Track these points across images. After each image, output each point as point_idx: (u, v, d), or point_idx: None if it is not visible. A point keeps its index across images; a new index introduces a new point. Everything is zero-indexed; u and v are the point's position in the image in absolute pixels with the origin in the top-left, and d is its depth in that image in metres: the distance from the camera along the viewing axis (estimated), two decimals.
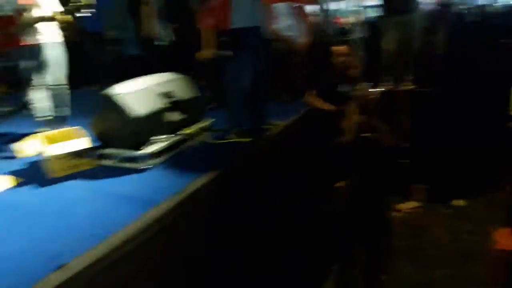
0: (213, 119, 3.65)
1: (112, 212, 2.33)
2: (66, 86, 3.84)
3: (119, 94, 2.89)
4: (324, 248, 3.14)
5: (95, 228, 2.14)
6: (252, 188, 2.95)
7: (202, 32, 4.42)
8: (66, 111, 3.87)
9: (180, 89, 3.37)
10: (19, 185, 2.83)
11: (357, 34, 5.53)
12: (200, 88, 3.79)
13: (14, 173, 3.00)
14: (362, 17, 5.86)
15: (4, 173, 2.96)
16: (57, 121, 3.80)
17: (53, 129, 3.54)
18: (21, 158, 3.32)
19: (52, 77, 3.73)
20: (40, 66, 3.68)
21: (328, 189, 2.99)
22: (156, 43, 5.30)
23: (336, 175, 3.02)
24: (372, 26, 5.92)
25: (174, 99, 3.25)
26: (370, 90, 2.90)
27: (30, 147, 3.31)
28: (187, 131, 3.29)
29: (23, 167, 3.17)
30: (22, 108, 4.08)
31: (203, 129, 3.44)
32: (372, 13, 6.17)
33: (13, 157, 3.36)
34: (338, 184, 2.95)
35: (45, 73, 3.70)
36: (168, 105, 3.18)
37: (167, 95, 3.21)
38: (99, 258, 1.85)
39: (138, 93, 3.00)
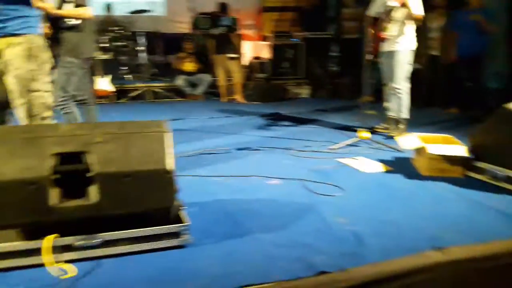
0: None
1: (483, 221, 2.28)
2: (400, 90, 4.16)
3: None
4: None
5: (472, 227, 2.18)
6: None
7: None
8: (401, 114, 4.22)
9: None
10: (388, 171, 3.18)
11: None
12: None
13: (385, 161, 3.42)
14: None
15: (378, 160, 3.43)
16: (393, 121, 4.30)
17: (391, 129, 4.20)
18: (396, 151, 3.73)
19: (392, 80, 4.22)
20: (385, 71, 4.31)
21: None
22: None
23: None
24: None
25: None
26: None
27: (406, 142, 3.64)
28: None
29: (395, 157, 3.55)
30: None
31: None
32: None
33: (393, 149, 3.78)
34: None
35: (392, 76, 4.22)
36: None
37: None
38: (475, 257, 1.85)
39: None
